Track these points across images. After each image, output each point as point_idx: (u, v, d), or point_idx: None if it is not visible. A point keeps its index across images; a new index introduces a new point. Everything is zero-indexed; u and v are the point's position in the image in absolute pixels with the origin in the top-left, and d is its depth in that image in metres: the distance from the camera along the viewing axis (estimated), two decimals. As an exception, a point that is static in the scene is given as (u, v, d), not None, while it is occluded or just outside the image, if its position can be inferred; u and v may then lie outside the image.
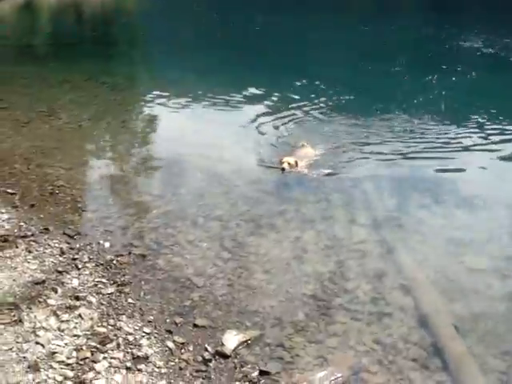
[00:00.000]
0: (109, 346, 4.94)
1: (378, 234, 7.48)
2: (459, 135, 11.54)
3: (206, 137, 11.47)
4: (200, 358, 4.95)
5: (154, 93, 15.47)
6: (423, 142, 11.14)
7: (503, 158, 10.24)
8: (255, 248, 6.97)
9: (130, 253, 6.63)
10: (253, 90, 15.47)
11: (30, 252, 6.39)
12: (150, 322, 5.39)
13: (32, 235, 6.80)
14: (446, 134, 11.67)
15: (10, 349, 4.69)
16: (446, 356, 5.12)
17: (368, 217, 7.95)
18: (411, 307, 5.88)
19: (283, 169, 9.02)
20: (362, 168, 9.73)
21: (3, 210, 7.41)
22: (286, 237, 7.31)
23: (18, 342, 4.78)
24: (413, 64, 19.50)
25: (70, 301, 5.54)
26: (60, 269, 6.11)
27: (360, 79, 17.10)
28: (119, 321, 5.34)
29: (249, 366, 4.91)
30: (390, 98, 14.76)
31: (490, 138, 11.35)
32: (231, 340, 5.14)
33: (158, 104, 14.32)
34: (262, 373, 4.82)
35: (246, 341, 5.18)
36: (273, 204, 8.33)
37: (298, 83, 16.10)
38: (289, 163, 9.08)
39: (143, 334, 5.18)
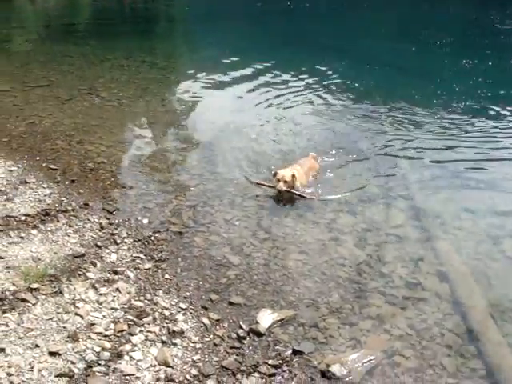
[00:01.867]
0: (145, 319, 5.02)
1: (415, 219, 7.40)
2: (501, 123, 11.37)
3: (245, 117, 11.54)
4: (234, 335, 5.00)
5: (195, 71, 15.55)
6: (464, 130, 11.06)
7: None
8: (292, 229, 6.98)
9: (167, 230, 6.70)
10: (298, 73, 15.41)
11: (70, 226, 6.52)
12: (186, 298, 5.46)
13: (72, 210, 6.92)
14: (487, 122, 11.50)
15: (51, 319, 4.81)
16: (481, 344, 5.07)
17: (406, 202, 7.88)
18: (447, 293, 5.83)
19: (279, 191, 7.67)
20: (400, 154, 9.65)
21: (45, 185, 7.56)
22: (323, 218, 7.30)
23: (58, 313, 4.90)
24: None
25: (108, 275, 5.64)
26: (99, 243, 6.22)
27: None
28: (156, 296, 5.42)
29: (282, 345, 4.93)
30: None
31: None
32: (266, 319, 5.17)
33: (199, 83, 14.40)
34: (295, 352, 4.85)
35: (280, 320, 5.20)
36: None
37: (342, 65, 16.06)
38: (285, 180, 7.66)
39: (179, 310, 5.25)
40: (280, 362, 4.71)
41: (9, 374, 4.10)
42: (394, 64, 16.94)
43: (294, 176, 7.74)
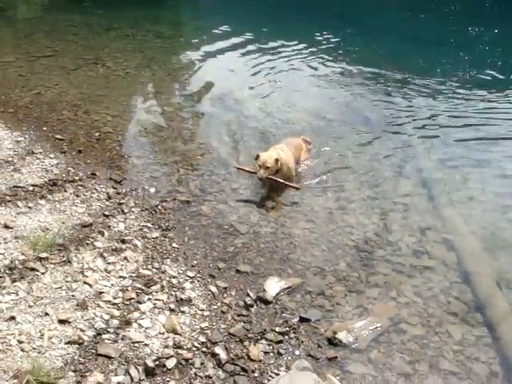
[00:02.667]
0: (153, 288, 5.05)
1: (423, 187, 7.39)
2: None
3: (253, 86, 11.48)
4: (242, 303, 5.04)
5: (202, 40, 15.47)
6: (473, 99, 10.98)
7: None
8: (299, 197, 6.99)
9: (174, 199, 6.72)
10: (305, 41, 15.24)
11: (77, 196, 6.54)
12: (193, 266, 5.49)
13: (80, 180, 6.93)
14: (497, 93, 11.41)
15: (60, 287, 4.84)
16: (488, 312, 5.08)
17: (413, 172, 7.86)
18: (454, 262, 5.83)
19: (260, 179, 6.89)
20: (408, 124, 9.58)
21: (52, 156, 7.56)
22: (330, 187, 7.28)
23: (67, 281, 4.94)
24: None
25: (116, 244, 5.67)
26: (107, 213, 6.24)
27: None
28: (163, 264, 5.45)
29: (289, 313, 4.97)
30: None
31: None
32: (273, 286, 5.20)
33: (205, 52, 14.25)
34: (302, 319, 4.88)
35: (287, 288, 5.23)
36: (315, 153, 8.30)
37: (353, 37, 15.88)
38: (267, 166, 6.81)
39: (187, 278, 5.28)
40: (287, 329, 4.75)
41: (20, 342, 4.14)
42: (403, 32, 16.66)
43: (277, 160, 6.88)
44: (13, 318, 4.36)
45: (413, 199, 7.09)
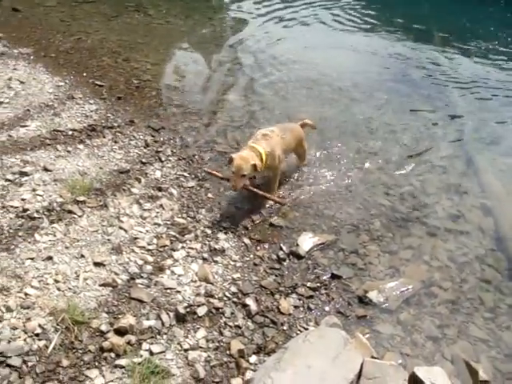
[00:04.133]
0: (187, 236, 5.11)
1: (463, 150, 7.26)
2: None
3: (295, 40, 11.29)
4: (274, 257, 5.06)
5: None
6: None
7: None
8: (339, 156, 6.90)
9: (212, 149, 6.72)
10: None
11: (116, 142, 6.58)
12: (227, 217, 5.51)
13: (118, 126, 6.96)
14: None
15: (96, 231, 4.92)
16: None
17: (454, 134, 7.71)
18: (491, 228, 5.75)
19: (234, 187, 5.42)
20: (451, 84, 9.35)
21: (92, 101, 7.59)
22: (368, 146, 7.19)
23: (103, 225, 5.01)
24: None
25: (152, 191, 5.71)
26: (144, 160, 6.27)
27: None
28: (198, 214, 5.49)
29: (321, 269, 4.98)
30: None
31: None
32: (306, 242, 5.20)
33: (248, 2, 13.94)
34: (334, 276, 4.89)
35: (320, 244, 5.23)
36: (358, 114, 8.12)
37: None
38: (241, 174, 5.34)
39: (221, 229, 5.31)
40: (318, 284, 4.77)
41: (56, 281, 4.24)
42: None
43: (255, 166, 5.39)
44: (50, 258, 4.45)
45: (452, 162, 6.97)
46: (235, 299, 4.47)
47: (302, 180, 6.35)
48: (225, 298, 4.45)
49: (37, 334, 3.72)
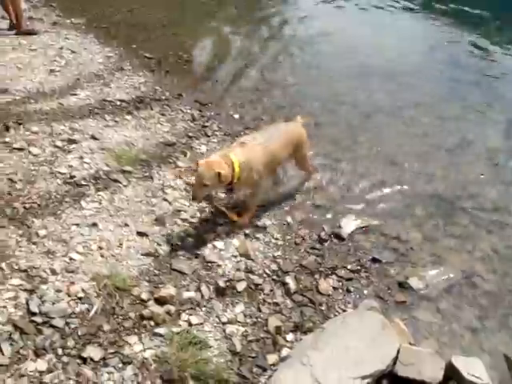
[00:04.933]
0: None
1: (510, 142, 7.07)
2: None
3: (346, 20, 11.15)
4: (316, 237, 5.04)
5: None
6: None
7: None
8: (387, 140, 6.83)
9: (257, 127, 6.66)
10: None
11: (163, 115, 6.63)
12: (270, 195, 5.51)
13: (166, 99, 7.02)
14: None
15: (140, 201, 4.98)
16: None
17: (506, 124, 7.49)
18: (538, 224, 5.59)
19: (193, 197, 4.69)
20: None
21: (140, 73, 7.67)
22: (415, 131, 7.07)
23: (147, 196, 5.07)
24: None
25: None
26: (190, 134, 6.32)
27: None
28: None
29: (362, 252, 4.95)
30: None
31: None
32: (349, 224, 5.17)
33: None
34: (375, 260, 4.85)
35: (363, 227, 5.20)
36: (407, 100, 7.95)
37: None
38: (204, 184, 4.50)
39: (263, 206, 5.31)
40: (358, 267, 4.74)
41: (100, 248, 4.31)
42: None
43: (219, 175, 4.47)
44: (95, 224, 4.52)
45: (502, 154, 6.79)
46: (275, 277, 4.47)
47: (345, 161, 6.28)
48: (264, 275, 4.46)
49: (80, 298, 3.78)
